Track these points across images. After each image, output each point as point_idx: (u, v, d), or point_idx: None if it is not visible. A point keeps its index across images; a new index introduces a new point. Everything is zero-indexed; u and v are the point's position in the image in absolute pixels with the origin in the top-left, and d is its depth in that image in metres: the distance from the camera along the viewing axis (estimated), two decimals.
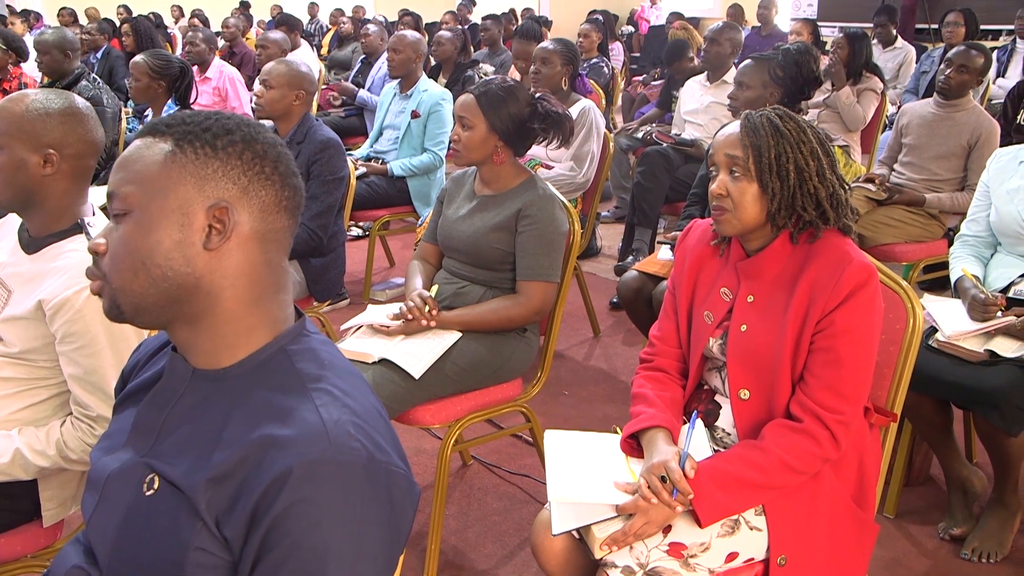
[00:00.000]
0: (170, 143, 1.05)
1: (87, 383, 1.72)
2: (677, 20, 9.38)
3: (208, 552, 0.99)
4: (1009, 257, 2.55)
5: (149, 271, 1.02)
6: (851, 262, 1.61)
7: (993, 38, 8.29)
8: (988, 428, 2.24)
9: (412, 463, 2.87)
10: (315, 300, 3.31)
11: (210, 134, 1.05)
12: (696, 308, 1.83)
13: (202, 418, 1.06)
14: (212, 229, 1.03)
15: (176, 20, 12.92)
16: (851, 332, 1.60)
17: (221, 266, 1.04)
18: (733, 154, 1.68)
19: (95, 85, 4.71)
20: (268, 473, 0.95)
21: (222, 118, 1.09)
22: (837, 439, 1.60)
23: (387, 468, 1.01)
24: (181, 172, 1.03)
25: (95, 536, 1.11)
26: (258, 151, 1.07)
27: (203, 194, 1.03)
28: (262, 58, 5.73)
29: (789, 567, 1.60)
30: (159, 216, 1.02)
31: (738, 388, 1.71)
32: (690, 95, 4.78)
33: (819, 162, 1.66)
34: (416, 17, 8.94)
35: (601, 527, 1.60)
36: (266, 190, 1.07)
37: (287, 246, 1.12)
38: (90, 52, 7.01)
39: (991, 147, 3.46)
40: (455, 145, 2.45)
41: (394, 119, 4.70)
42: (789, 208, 1.65)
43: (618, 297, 3.20)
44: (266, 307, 1.09)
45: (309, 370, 1.06)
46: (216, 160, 1.04)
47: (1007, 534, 2.40)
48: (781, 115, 1.69)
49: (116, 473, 1.10)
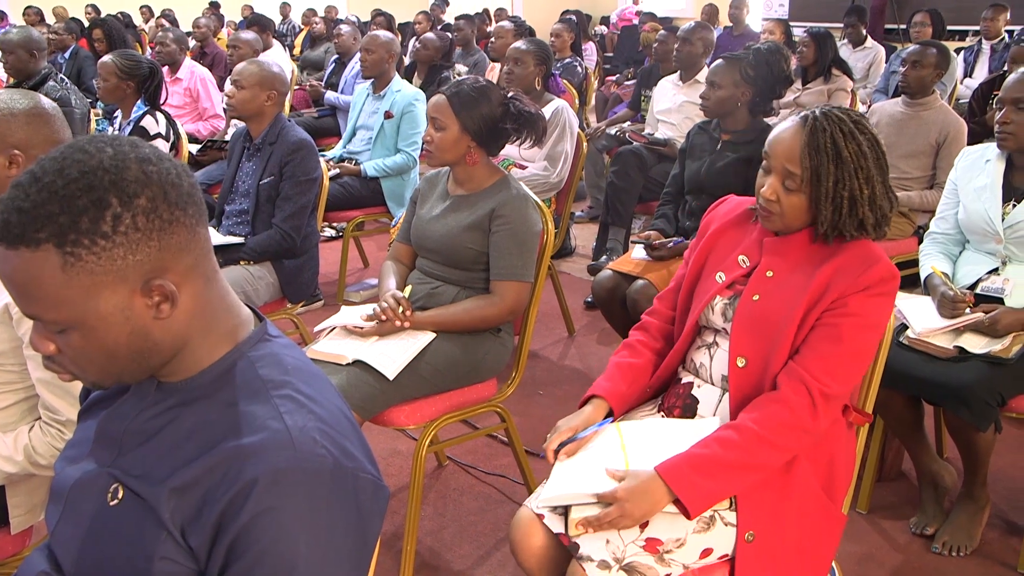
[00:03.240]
0: (53, 252, 0.91)
1: (56, 387, 1.70)
2: (649, 21, 9.43)
3: (173, 562, 0.98)
4: (977, 254, 2.58)
5: (118, 363, 1.01)
6: (879, 260, 1.67)
7: (960, 39, 8.41)
8: (958, 423, 2.27)
9: (387, 464, 2.87)
10: (289, 301, 3.29)
11: (88, 220, 0.91)
12: (707, 269, 1.87)
13: (166, 428, 1.05)
14: (158, 300, 0.98)
15: (146, 20, 12.78)
16: (860, 317, 1.64)
17: (177, 319, 1.01)
18: (791, 169, 1.69)
19: (63, 85, 4.64)
20: (234, 482, 0.95)
21: (81, 183, 0.92)
22: (816, 408, 1.62)
23: (354, 474, 1.01)
24: (91, 279, 0.93)
25: (59, 547, 1.10)
26: (145, 207, 0.94)
27: (128, 284, 0.95)
28: (233, 58, 5.69)
29: (756, 544, 1.62)
30: (101, 324, 0.96)
31: (737, 355, 1.74)
32: (663, 95, 4.80)
33: (872, 189, 1.67)
34: (389, 17, 8.90)
35: (580, 509, 1.62)
36: (177, 232, 0.97)
37: (212, 247, 1.06)
38: (57, 52, 6.91)
39: (959, 145, 3.52)
40: (428, 146, 2.44)
41: (367, 119, 4.68)
42: (834, 228, 1.69)
43: (592, 296, 3.21)
44: (221, 321, 1.07)
45: (272, 376, 1.05)
46: (118, 248, 0.93)
47: (976, 527, 2.43)
48: (846, 133, 1.67)
49: (80, 483, 1.09)
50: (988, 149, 2.61)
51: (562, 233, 4.03)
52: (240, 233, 3.25)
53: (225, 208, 3.35)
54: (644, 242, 3.10)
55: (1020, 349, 2.28)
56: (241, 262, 3.13)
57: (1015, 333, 2.32)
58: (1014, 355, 2.26)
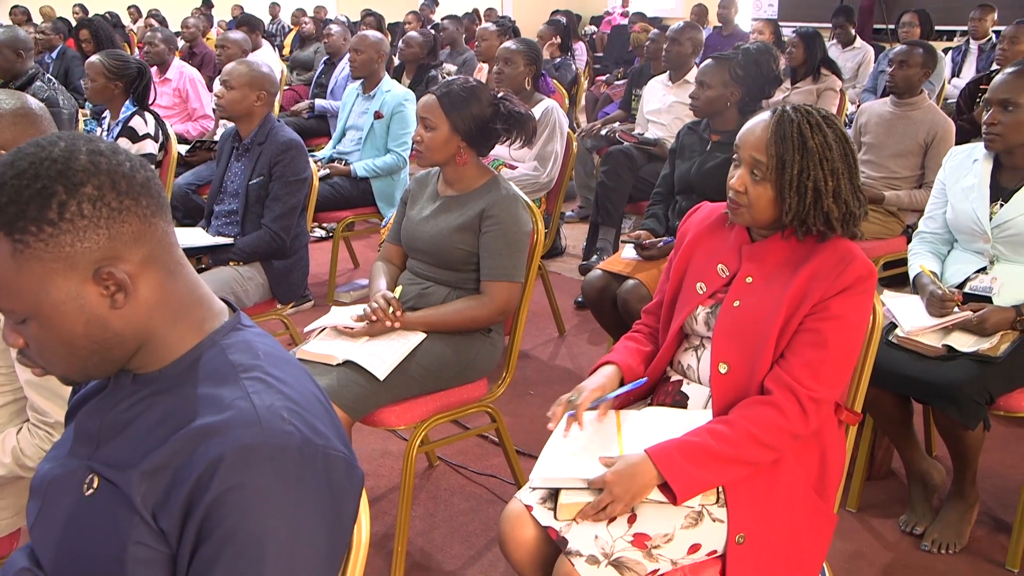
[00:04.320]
0: (3, 240, 0.94)
1: (44, 389, 1.69)
2: (639, 21, 9.45)
3: (147, 546, 0.98)
4: (965, 253, 2.59)
5: (80, 354, 1.02)
6: (855, 259, 1.68)
7: (948, 39, 8.44)
8: (946, 422, 2.28)
9: (377, 465, 2.87)
10: (279, 302, 3.28)
11: (35, 207, 0.93)
12: (688, 279, 1.88)
13: (140, 417, 1.05)
14: (112, 290, 0.99)
15: (134, 20, 12.73)
16: (842, 319, 1.65)
17: (135, 311, 1.02)
18: (757, 158, 1.72)
19: (50, 86, 4.62)
20: (200, 461, 0.95)
21: (28, 174, 0.94)
22: (807, 413, 1.63)
23: (324, 451, 1.00)
24: (41, 266, 0.95)
25: (38, 542, 1.11)
26: (91, 195, 0.95)
27: (78, 272, 0.96)
28: (222, 59, 5.66)
29: (747, 547, 1.62)
30: (55, 312, 0.97)
31: (719, 361, 1.75)
32: (653, 95, 4.81)
33: (838, 182, 1.69)
34: (379, 17, 8.91)
35: (568, 493, 1.64)
36: (128, 222, 0.98)
37: (175, 241, 1.07)
38: (44, 52, 6.87)
39: (947, 145, 3.53)
40: (418, 146, 2.44)
41: (357, 120, 4.68)
42: (800, 220, 1.70)
43: (583, 296, 3.22)
44: (190, 312, 1.07)
45: (242, 360, 1.05)
46: (65, 234, 0.94)
47: (965, 525, 2.45)
48: (813, 125, 1.70)
49: (57, 478, 1.10)
50: (975, 149, 2.62)
51: (552, 233, 4.04)
52: (229, 234, 3.23)
53: (214, 208, 3.34)
54: (634, 242, 3.10)
55: (1008, 347, 2.29)
56: (231, 263, 3.12)
57: (1003, 332, 2.33)
58: (1002, 353, 2.28)
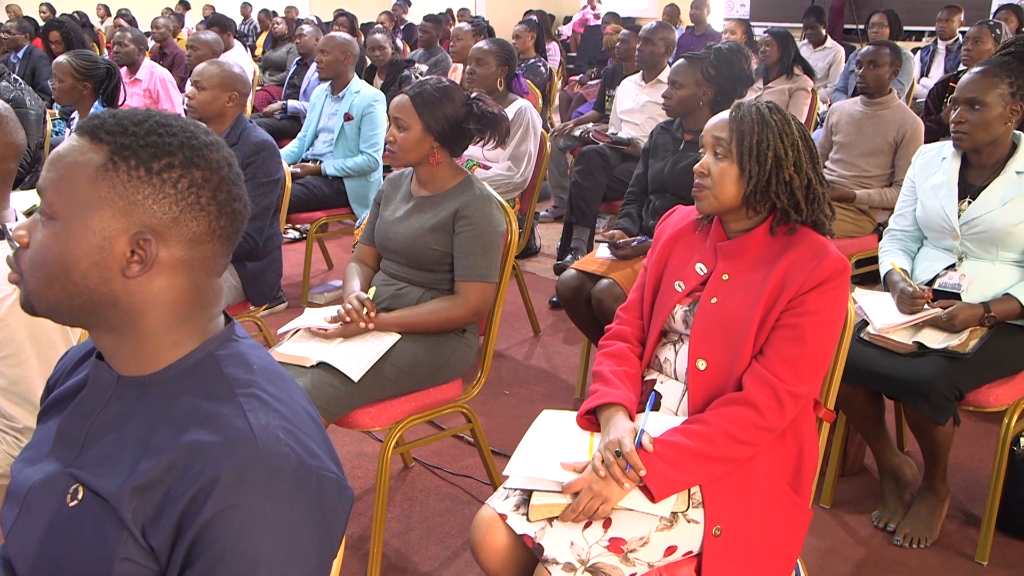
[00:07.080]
0: (104, 154, 0.98)
1: (12, 394, 1.67)
2: (612, 22, 9.48)
3: (134, 562, 0.96)
4: (935, 251, 2.62)
5: (63, 284, 0.99)
6: (829, 254, 1.71)
7: (916, 39, 8.54)
8: (917, 418, 2.31)
9: (353, 466, 2.85)
10: (252, 304, 3.25)
11: (148, 152, 0.98)
12: (666, 279, 1.89)
13: (127, 426, 1.03)
14: (134, 255, 0.98)
15: (102, 20, 12.58)
16: (819, 314, 1.68)
17: (141, 292, 1.00)
18: (719, 136, 1.78)
19: (16, 86, 4.56)
20: (195, 480, 0.93)
21: (165, 132, 1.00)
22: (784, 408, 1.65)
23: (318, 473, 1.00)
24: (110, 192, 0.97)
25: (15, 550, 1.08)
26: (196, 179, 1.00)
27: (129, 220, 0.98)
28: (193, 59, 5.61)
29: (723, 540, 1.63)
30: (80, 234, 0.98)
31: (696, 358, 1.77)
32: (626, 94, 4.82)
33: (798, 154, 1.74)
34: (351, 17, 8.86)
35: (541, 495, 1.65)
36: (198, 221, 1.01)
37: (219, 270, 1.07)
38: (10, 51, 6.78)
39: (916, 144, 3.58)
40: (391, 146, 2.43)
41: (328, 121, 4.65)
42: (764, 192, 1.73)
43: (557, 296, 3.22)
44: (191, 323, 1.06)
45: (237, 375, 1.03)
46: (148, 186, 0.98)
47: (936, 520, 2.47)
48: (771, 107, 1.79)
49: (38, 484, 1.07)
50: (944, 147, 2.65)
51: (526, 233, 4.04)
52: None
53: None
54: (608, 241, 3.11)
55: (976, 344, 2.33)
56: None
57: (972, 328, 2.37)
58: (971, 349, 2.31)
